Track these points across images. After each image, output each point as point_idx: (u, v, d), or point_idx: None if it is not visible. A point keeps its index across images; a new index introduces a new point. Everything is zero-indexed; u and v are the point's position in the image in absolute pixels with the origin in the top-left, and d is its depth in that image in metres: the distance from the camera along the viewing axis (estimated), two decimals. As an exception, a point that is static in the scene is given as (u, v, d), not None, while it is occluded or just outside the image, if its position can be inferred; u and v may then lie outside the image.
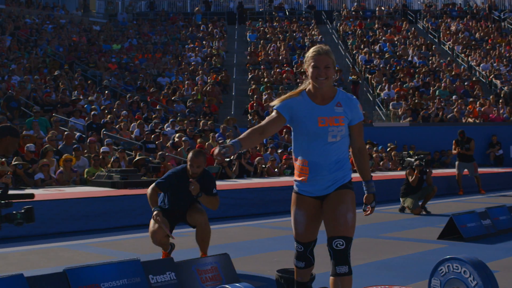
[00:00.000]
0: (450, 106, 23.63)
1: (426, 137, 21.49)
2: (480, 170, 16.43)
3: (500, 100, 24.21)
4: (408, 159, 12.42)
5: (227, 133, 17.53)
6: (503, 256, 7.09)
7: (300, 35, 32.46)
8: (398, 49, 30.48)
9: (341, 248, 3.96)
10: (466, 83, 26.18)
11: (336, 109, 4.11)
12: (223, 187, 11.35)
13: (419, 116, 22.78)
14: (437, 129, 21.82)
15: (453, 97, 24.55)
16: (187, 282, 5.22)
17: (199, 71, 25.92)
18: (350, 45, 31.48)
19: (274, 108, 4.17)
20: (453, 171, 16.63)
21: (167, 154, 14.80)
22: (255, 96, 23.22)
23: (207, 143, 16.08)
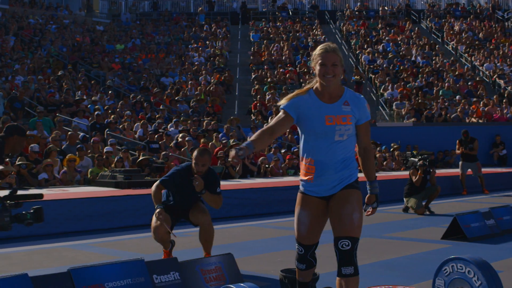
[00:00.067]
0: (454, 106, 23.59)
1: (429, 137, 21.45)
2: (483, 170, 16.40)
3: (503, 100, 24.19)
4: (412, 159, 12.39)
5: (230, 133, 17.52)
6: (507, 256, 7.08)
7: (303, 35, 32.45)
8: (402, 49, 30.46)
9: (346, 248, 3.91)
10: (470, 83, 26.14)
11: (344, 107, 4.06)
12: (226, 187, 11.34)
13: (422, 116, 22.75)
14: (440, 129, 21.79)
15: (456, 97, 24.52)
16: (191, 282, 5.23)
17: (203, 71, 25.93)
18: (353, 45, 31.47)
19: (281, 107, 4.13)
20: (456, 171, 16.61)
21: (170, 154, 14.81)
22: (258, 96, 23.23)
23: (211, 143, 16.09)
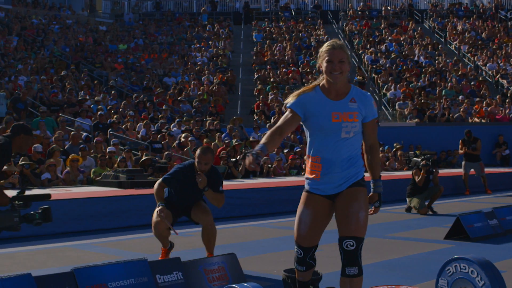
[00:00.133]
0: (457, 106, 23.57)
1: (432, 137, 21.44)
2: (486, 170, 16.39)
3: (506, 100, 24.15)
4: (415, 159, 12.41)
5: (233, 133, 17.53)
6: (510, 256, 7.07)
7: (306, 35, 32.44)
8: (404, 48, 30.45)
9: (351, 249, 3.90)
10: (473, 83, 26.12)
11: (351, 104, 4.05)
12: (229, 187, 11.35)
13: (425, 116, 22.74)
14: (443, 129, 21.77)
15: (459, 97, 24.49)
16: (194, 282, 5.23)
17: (205, 71, 25.95)
18: (356, 45, 31.45)
19: (288, 106, 4.10)
20: (459, 171, 16.59)
21: (173, 154, 14.82)
22: (261, 96, 23.24)
23: (213, 143, 16.09)
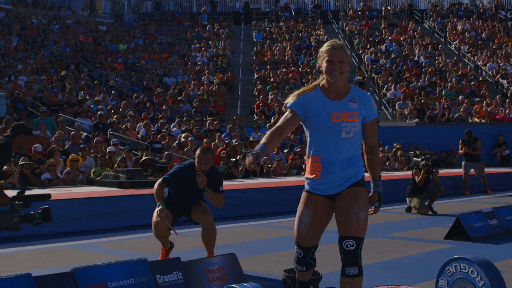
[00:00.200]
0: (457, 106, 23.57)
1: (432, 137, 21.44)
2: (486, 170, 16.39)
3: (506, 100, 24.14)
4: (415, 159, 12.40)
5: (233, 133, 17.53)
6: (510, 256, 7.07)
7: (306, 35, 32.45)
8: (404, 48, 30.45)
9: (351, 249, 3.90)
10: (473, 83, 26.12)
11: (350, 104, 4.05)
12: (229, 187, 11.35)
13: (425, 116, 22.74)
14: (443, 129, 21.77)
15: (459, 97, 24.49)
16: (194, 282, 5.23)
17: (205, 71, 25.95)
18: (356, 45, 31.45)
19: (287, 106, 4.10)
20: (459, 171, 16.59)
21: (173, 154, 14.82)
22: (261, 96, 23.25)
23: (213, 143, 16.09)
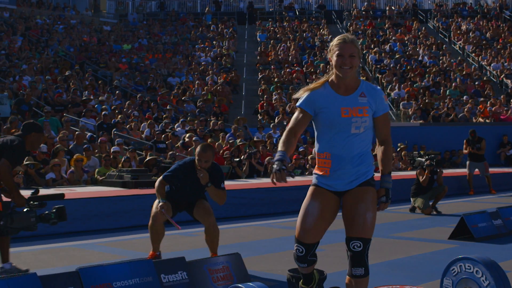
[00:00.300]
0: (461, 106, 23.52)
1: (436, 136, 21.40)
2: (491, 170, 16.35)
3: (511, 100, 24.10)
4: (419, 159, 12.39)
5: (237, 133, 17.54)
6: (515, 256, 7.07)
7: (310, 35, 32.44)
8: (409, 48, 30.42)
9: (358, 250, 3.89)
10: (477, 83, 26.07)
11: (360, 99, 3.99)
12: (233, 187, 11.37)
13: (429, 116, 22.71)
14: (447, 129, 21.73)
15: (463, 96, 24.46)
16: (198, 282, 5.24)
17: (209, 71, 25.97)
18: (360, 44, 31.33)
19: (297, 105, 4.07)
20: (463, 171, 16.57)
21: (177, 154, 14.83)
22: (265, 96, 23.24)
23: (217, 143, 16.11)
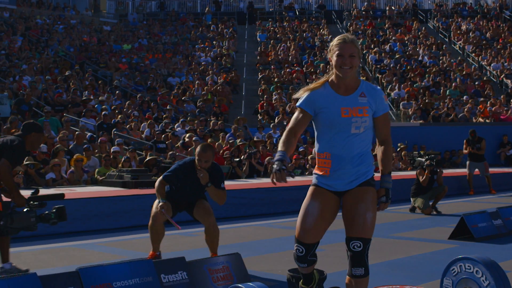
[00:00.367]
0: (461, 106, 23.52)
1: (436, 137, 21.40)
2: (491, 170, 16.35)
3: (511, 100, 24.10)
4: (419, 159, 12.37)
5: (237, 133, 17.54)
6: (515, 256, 7.07)
7: (310, 35, 32.44)
8: (409, 48, 30.42)
9: (358, 250, 3.90)
10: (477, 83, 26.07)
11: (360, 99, 3.99)
12: (233, 187, 11.37)
13: (429, 116, 22.71)
14: (447, 129, 21.73)
15: (463, 96, 24.46)
16: (198, 282, 5.24)
17: (209, 71, 25.97)
18: (360, 44, 31.33)
19: (297, 105, 4.08)
20: (463, 171, 16.57)
21: (177, 154, 14.83)
22: (265, 96, 23.24)
23: (217, 143, 16.11)
